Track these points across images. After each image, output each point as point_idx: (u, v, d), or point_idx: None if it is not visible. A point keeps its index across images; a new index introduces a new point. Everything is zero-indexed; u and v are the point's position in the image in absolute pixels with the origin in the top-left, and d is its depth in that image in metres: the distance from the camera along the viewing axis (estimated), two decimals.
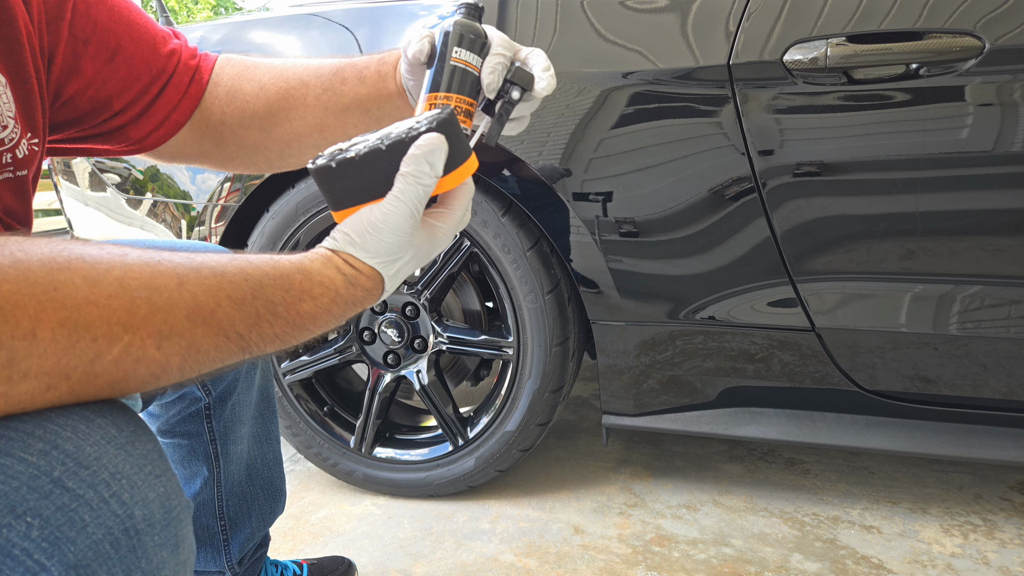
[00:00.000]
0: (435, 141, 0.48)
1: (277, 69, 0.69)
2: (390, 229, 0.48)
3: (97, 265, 0.37)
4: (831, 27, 0.93)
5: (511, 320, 1.22)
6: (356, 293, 0.48)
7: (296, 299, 0.45)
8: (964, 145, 0.91)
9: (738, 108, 0.98)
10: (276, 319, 0.44)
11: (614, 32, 1.03)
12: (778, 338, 1.08)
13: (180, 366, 0.40)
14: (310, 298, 0.45)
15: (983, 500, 1.27)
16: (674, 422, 1.18)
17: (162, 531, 0.38)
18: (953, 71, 0.89)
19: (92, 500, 0.35)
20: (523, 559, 1.15)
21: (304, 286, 0.45)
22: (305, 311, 0.45)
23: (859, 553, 1.13)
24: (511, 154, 1.10)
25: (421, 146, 0.47)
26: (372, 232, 0.48)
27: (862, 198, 0.97)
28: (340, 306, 0.47)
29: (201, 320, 0.40)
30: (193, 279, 0.40)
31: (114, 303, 0.37)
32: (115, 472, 0.37)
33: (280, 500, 0.97)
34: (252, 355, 0.44)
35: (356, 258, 0.48)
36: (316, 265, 0.47)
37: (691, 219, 1.04)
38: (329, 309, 0.46)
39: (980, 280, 0.97)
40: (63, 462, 0.35)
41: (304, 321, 0.45)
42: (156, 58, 0.65)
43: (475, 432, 1.29)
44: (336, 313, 0.47)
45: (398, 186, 0.48)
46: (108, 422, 0.38)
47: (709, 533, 1.20)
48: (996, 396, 1.02)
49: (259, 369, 0.91)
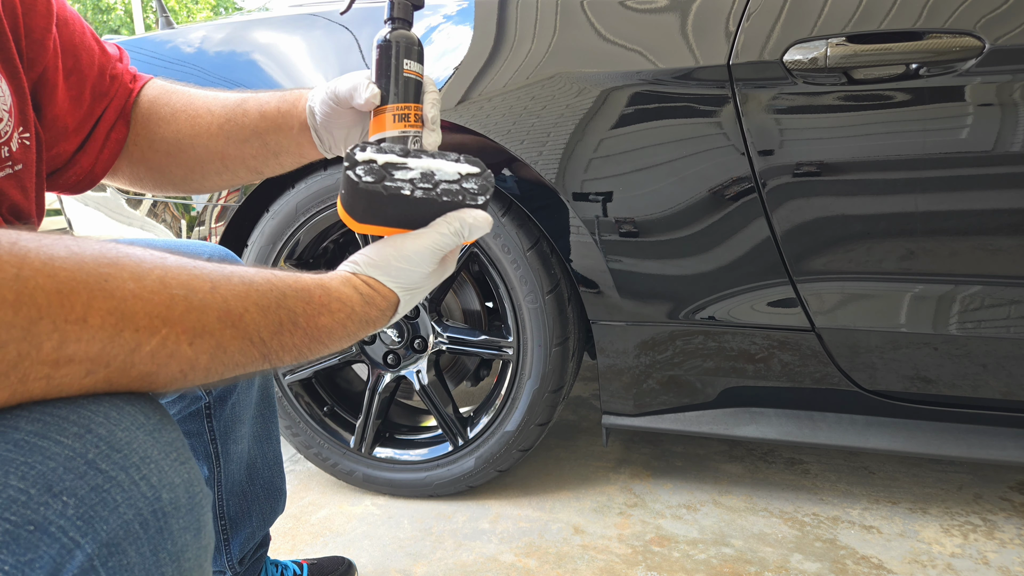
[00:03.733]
0: (487, 221, 0.55)
1: (189, 96, 0.72)
2: (418, 262, 0.53)
3: (142, 264, 0.40)
4: (831, 27, 0.93)
5: (511, 320, 1.22)
6: (371, 312, 0.51)
7: (316, 312, 0.48)
8: (964, 145, 0.91)
9: (738, 108, 0.98)
10: (296, 329, 0.46)
11: (614, 32, 1.03)
12: (778, 338, 1.08)
13: (207, 365, 0.42)
14: (328, 312, 0.48)
15: (983, 500, 1.27)
16: (674, 422, 1.18)
17: (187, 515, 0.40)
18: (953, 71, 0.89)
19: (124, 482, 0.37)
20: (523, 559, 1.15)
21: (323, 300, 0.48)
22: (323, 324, 0.48)
23: (859, 553, 1.13)
24: (511, 154, 1.10)
25: (478, 218, 0.55)
26: (402, 262, 0.53)
27: (862, 198, 0.97)
28: (355, 323, 0.50)
29: (230, 323, 0.42)
30: (225, 284, 0.43)
31: (156, 298, 0.39)
32: (144, 456, 0.39)
33: (280, 500, 0.97)
34: (271, 364, 0.46)
35: (377, 280, 0.52)
36: (335, 283, 0.50)
37: (691, 219, 1.04)
38: (344, 325, 0.49)
39: (980, 280, 0.97)
40: (97, 445, 0.37)
41: (321, 334, 0.48)
42: (102, 81, 0.68)
43: (475, 432, 1.29)
44: (351, 330, 0.50)
45: (442, 230, 0.54)
46: (137, 410, 0.40)
47: (709, 533, 1.20)
48: (996, 396, 1.02)
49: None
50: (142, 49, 1.39)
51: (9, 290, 0.34)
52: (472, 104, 1.11)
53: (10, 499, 0.33)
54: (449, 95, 1.12)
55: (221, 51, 1.33)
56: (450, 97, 1.12)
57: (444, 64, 1.13)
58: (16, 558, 0.33)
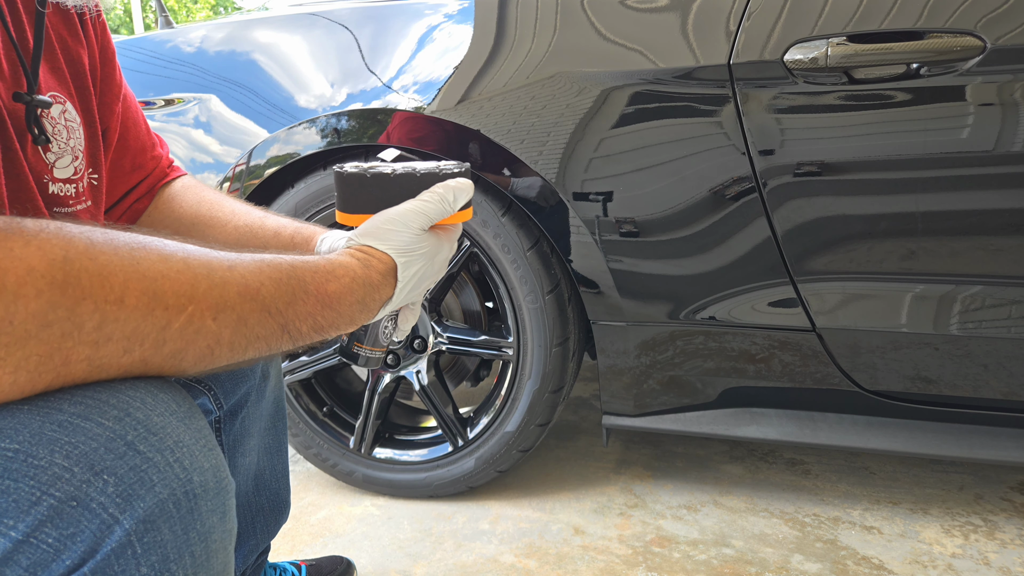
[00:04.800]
0: (469, 185, 0.61)
1: (218, 195, 0.80)
2: (403, 224, 0.57)
3: (166, 247, 0.43)
4: (832, 27, 0.93)
5: (511, 320, 1.22)
6: (372, 276, 0.55)
7: (323, 279, 0.51)
8: (965, 145, 0.91)
9: (739, 108, 0.98)
10: (308, 297, 0.50)
11: (614, 31, 1.03)
12: (779, 338, 1.08)
13: (231, 340, 0.44)
14: (334, 278, 0.52)
15: (984, 501, 1.27)
16: (674, 423, 1.18)
17: (214, 498, 0.42)
18: (954, 71, 0.89)
19: (160, 463, 0.39)
20: (523, 560, 1.15)
21: (328, 268, 0.52)
22: (332, 291, 0.51)
23: (860, 554, 1.12)
24: (511, 154, 1.10)
25: (460, 183, 0.60)
26: (387, 224, 0.57)
27: (863, 198, 0.97)
28: (360, 286, 0.53)
29: (249, 296, 0.45)
30: (240, 263, 0.46)
31: (182, 277, 0.42)
32: (178, 440, 0.41)
33: (285, 512, 0.96)
34: (290, 335, 0.48)
35: (370, 246, 0.56)
36: (336, 255, 0.55)
37: (691, 219, 1.04)
38: (352, 289, 0.53)
39: (981, 280, 0.97)
40: (135, 427, 0.39)
41: (332, 300, 0.51)
42: (142, 155, 0.75)
43: (475, 433, 1.29)
44: (358, 294, 0.53)
45: (424, 196, 0.58)
46: (170, 397, 0.42)
47: (710, 534, 1.20)
48: (997, 396, 1.02)
49: (272, 379, 0.90)
50: (142, 49, 1.39)
51: (59, 271, 0.36)
52: (472, 104, 1.11)
53: (55, 476, 0.35)
54: (449, 95, 1.12)
55: (221, 51, 1.32)
56: (450, 97, 1.12)
57: (444, 63, 1.13)
58: (60, 531, 0.35)
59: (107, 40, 0.67)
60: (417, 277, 0.59)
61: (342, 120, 1.20)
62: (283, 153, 1.23)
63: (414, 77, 1.16)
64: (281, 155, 1.24)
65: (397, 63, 1.17)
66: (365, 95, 1.18)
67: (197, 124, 1.31)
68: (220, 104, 1.29)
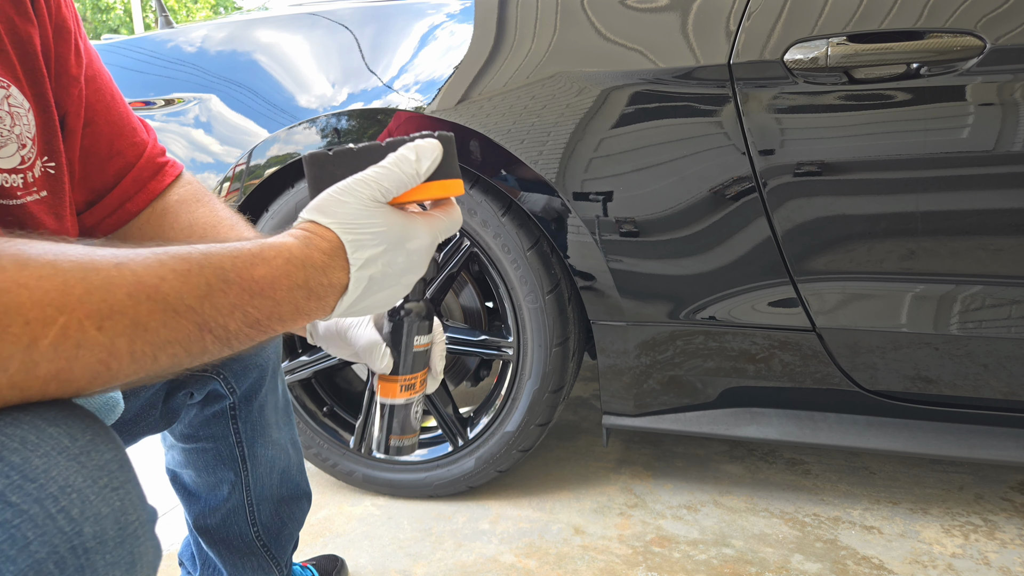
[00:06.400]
0: (431, 144, 0.51)
1: (213, 216, 0.72)
2: (351, 193, 0.48)
3: (28, 249, 0.36)
4: (832, 26, 0.93)
5: (511, 320, 1.21)
6: (312, 255, 0.46)
7: (248, 263, 0.43)
8: (965, 145, 0.91)
9: (739, 107, 0.98)
10: (229, 287, 0.42)
11: (614, 31, 1.03)
12: (779, 338, 1.08)
13: (129, 349, 0.38)
14: (263, 261, 0.44)
15: (984, 500, 1.27)
16: (674, 422, 1.18)
17: (115, 549, 0.36)
18: (954, 71, 0.89)
19: (37, 516, 0.33)
20: (523, 560, 1.15)
21: (255, 251, 0.44)
22: (260, 275, 0.44)
23: (860, 554, 1.12)
24: (511, 154, 1.10)
25: (423, 143, 0.51)
26: (337, 194, 0.48)
27: (863, 198, 0.97)
28: (297, 268, 0.45)
29: (144, 296, 0.38)
30: (132, 258, 0.39)
31: (45, 284, 0.35)
32: (65, 485, 0.35)
33: (308, 500, 0.95)
34: (217, 336, 0.42)
35: (314, 221, 0.48)
36: (273, 236, 0.47)
37: (691, 219, 1.04)
38: (287, 272, 0.45)
39: (981, 280, 0.97)
40: (7, 475, 0.33)
41: (262, 287, 0.43)
42: (122, 144, 0.68)
43: (475, 432, 1.29)
44: (297, 278, 0.45)
45: (383, 163, 0.50)
46: (61, 431, 0.36)
47: (710, 534, 1.20)
48: (997, 396, 1.02)
49: (280, 371, 0.88)
50: (142, 49, 1.39)
51: None
52: (472, 104, 1.11)
53: None
54: (449, 94, 1.12)
55: (222, 50, 1.32)
56: (450, 96, 1.12)
57: (445, 63, 1.13)
58: None
59: (63, 17, 0.61)
60: (378, 265, 0.48)
61: (343, 120, 1.20)
62: (283, 153, 1.24)
63: (415, 77, 1.16)
64: (281, 155, 1.24)
65: (398, 63, 1.17)
66: (366, 95, 1.18)
67: (197, 124, 1.31)
68: (220, 104, 1.29)
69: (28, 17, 0.56)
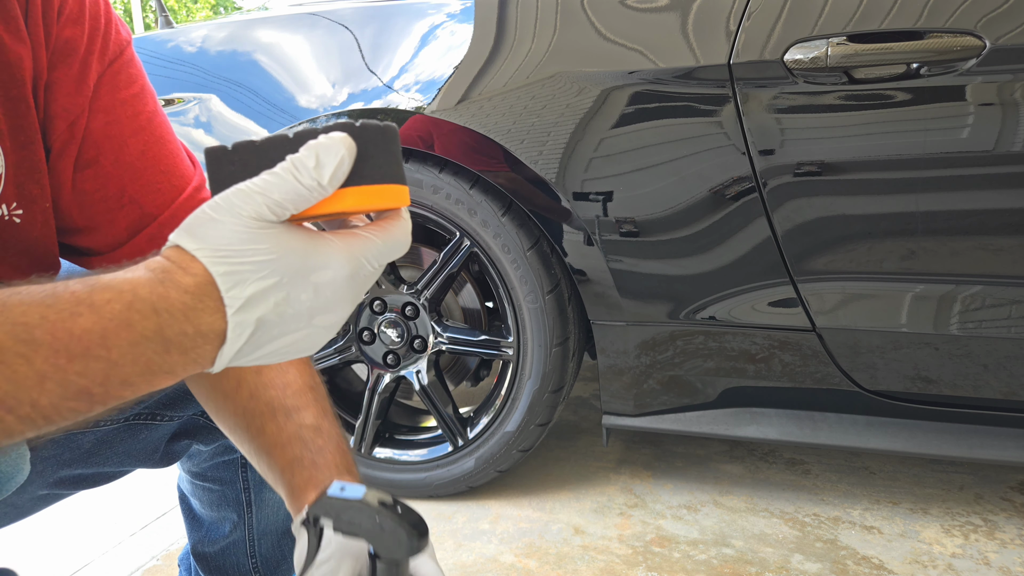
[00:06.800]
0: (335, 140, 0.35)
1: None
2: (228, 210, 0.34)
3: None
4: (832, 26, 0.93)
5: (511, 320, 1.21)
6: (168, 293, 0.33)
7: (66, 314, 0.32)
8: (965, 145, 0.91)
9: (739, 108, 0.98)
10: (35, 349, 0.31)
11: (614, 31, 1.03)
12: (779, 338, 1.08)
13: None
14: (89, 308, 0.32)
15: (984, 500, 1.27)
16: (674, 422, 1.18)
17: None
18: (954, 71, 0.89)
19: None
20: (523, 560, 1.15)
21: (80, 295, 0.32)
22: (82, 328, 0.32)
23: (860, 554, 1.12)
24: (511, 154, 1.10)
25: (318, 141, 0.35)
26: (207, 209, 0.34)
27: (863, 198, 0.97)
28: (143, 314, 0.33)
29: None
30: None
31: None
32: None
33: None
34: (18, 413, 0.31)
35: (181, 247, 0.34)
36: (120, 269, 0.35)
37: (691, 219, 1.04)
38: (126, 320, 0.32)
39: (981, 280, 0.97)
40: None
41: (87, 344, 0.32)
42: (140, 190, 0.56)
43: (475, 433, 1.29)
44: (142, 327, 0.33)
45: (275, 169, 0.35)
46: None
47: (709, 534, 1.20)
48: (997, 396, 1.02)
49: None
50: (142, 49, 1.39)
51: None
52: (472, 103, 1.11)
53: None
54: (449, 94, 1.12)
55: (222, 50, 1.33)
56: (450, 96, 1.12)
57: (445, 63, 1.13)
58: None
59: (68, 39, 0.50)
60: (269, 304, 0.35)
61: (343, 120, 1.19)
62: None
63: (415, 77, 1.16)
64: None
65: (398, 63, 1.17)
66: (366, 95, 1.18)
67: (197, 124, 1.31)
68: (220, 104, 1.29)
69: (20, 36, 0.48)
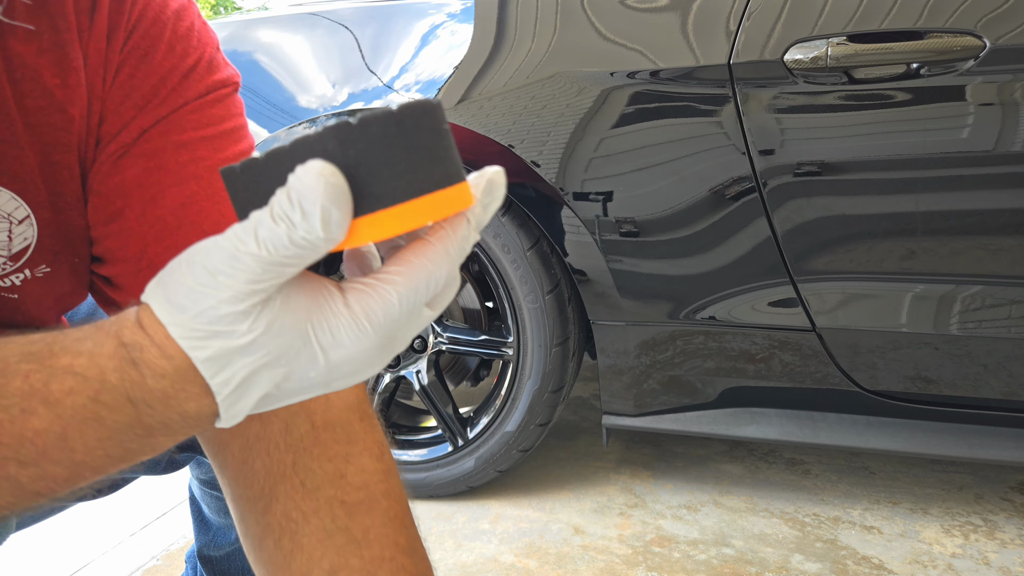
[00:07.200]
0: (308, 179, 0.25)
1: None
2: (212, 274, 0.26)
3: None
4: (832, 26, 0.93)
5: (511, 320, 1.21)
6: (144, 380, 0.27)
7: (15, 411, 0.26)
8: (965, 145, 0.91)
9: (739, 107, 0.98)
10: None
11: (614, 31, 1.03)
12: (779, 338, 1.08)
13: None
14: (43, 404, 0.26)
15: (984, 500, 1.27)
16: (674, 422, 1.18)
17: None
18: (954, 71, 0.89)
19: None
20: (523, 560, 1.15)
21: (34, 384, 0.26)
22: (35, 430, 0.26)
23: (860, 554, 1.12)
24: (511, 153, 1.10)
25: (292, 183, 0.25)
26: (188, 270, 0.26)
27: (863, 198, 0.97)
28: (112, 406, 0.27)
29: None
30: None
31: None
32: None
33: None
34: None
35: (152, 312, 0.27)
36: (84, 334, 0.28)
37: (691, 219, 1.04)
38: (92, 415, 0.26)
39: (981, 280, 0.96)
40: None
41: (44, 448, 0.26)
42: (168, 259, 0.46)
43: (475, 432, 1.29)
44: (112, 420, 0.27)
45: (256, 216, 0.26)
46: None
47: (710, 534, 1.20)
48: (997, 396, 1.02)
49: None
50: None
51: None
52: (472, 103, 1.11)
53: None
54: (449, 94, 1.12)
55: (223, 50, 1.32)
56: (450, 96, 1.12)
57: (445, 63, 1.13)
58: None
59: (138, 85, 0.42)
60: (265, 385, 0.28)
61: (333, 123, 1.19)
62: None
63: (415, 76, 1.16)
64: None
65: (398, 63, 1.17)
66: (366, 94, 1.18)
67: None
68: None
69: (75, 81, 0.40)
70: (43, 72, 0.39)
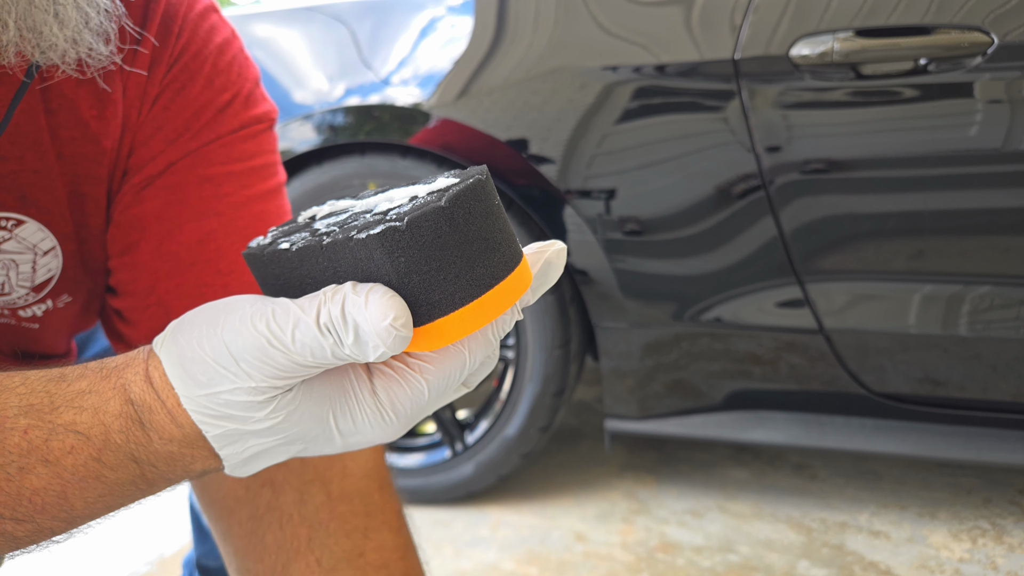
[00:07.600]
0: (379, 314, 0.23)
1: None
2: (235, 360, 0.25)
3: None
4: (838, 21, 0.92)
5: None
6: (150, 443, 0.26)
7: (13, 469, 0.25)
8: (973, 142, 0.90)
9: (744, 103, 0.96)
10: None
11: (617, 25, 1.02)
12: (785, 340, 1.07)
13: None
14: (42, 462, 0.25)
15: (992, 504, 1.26)
16: (679, 426, 1.16)
17: None
18: (962, 67, 0.88)
19: None
20: (524, 567, 1.13)
21: (34, 441, 0.25)
22: (33, 489, 0.25)
23: (867, 559, 1.11)
24: (511, 150, 1.08)
25: (357, 305, 0.23)
26: (210, 349, 0.25)
27: (871, 196, 0.96)
28: (116, 467, 0.26)
29: None
30: None
31: None
32: None
33: None
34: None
35: (166, 375, 0.26)
36: (88, 383, 0.27)
37: (696, 217, 1.03)
38: (94, 473, 0.26)
39: (990, 280, 0.96)
40: None
41: (42, 506, 0.26)
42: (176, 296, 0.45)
43: (474, 437, 1.27)
44: (113, 478, 0.26)
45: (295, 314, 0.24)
46: None
47: (715, 540, 1.18)
48: (1006, 398, 1.01)
49: None
50: None
51: None
52: (471, 98, 1.09)
53: None
54: (448, 89, 1.11)
55: None
56: (449, 91, 1.10)
57: (444, 57, 1.12)
58: None
59: (173, 116, 0.42)
60: (280, 459, 0.29)
61: (338, 116, 1.18)
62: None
63: (413, 71, 1.14)
64: None
65: (396, 57, 1.16)
66: (363, 90, 1.16)
67: None
68: None
69: (111, 113, 0.39)
70: (80, 103, 0.39)
